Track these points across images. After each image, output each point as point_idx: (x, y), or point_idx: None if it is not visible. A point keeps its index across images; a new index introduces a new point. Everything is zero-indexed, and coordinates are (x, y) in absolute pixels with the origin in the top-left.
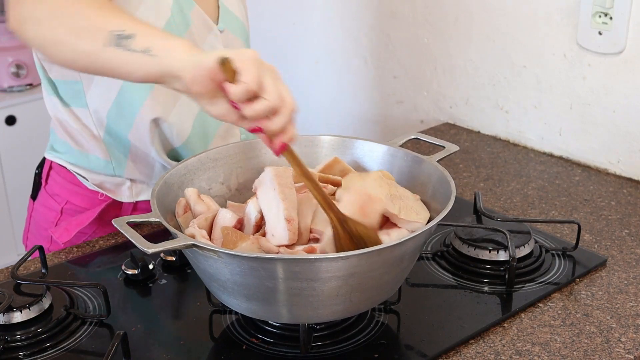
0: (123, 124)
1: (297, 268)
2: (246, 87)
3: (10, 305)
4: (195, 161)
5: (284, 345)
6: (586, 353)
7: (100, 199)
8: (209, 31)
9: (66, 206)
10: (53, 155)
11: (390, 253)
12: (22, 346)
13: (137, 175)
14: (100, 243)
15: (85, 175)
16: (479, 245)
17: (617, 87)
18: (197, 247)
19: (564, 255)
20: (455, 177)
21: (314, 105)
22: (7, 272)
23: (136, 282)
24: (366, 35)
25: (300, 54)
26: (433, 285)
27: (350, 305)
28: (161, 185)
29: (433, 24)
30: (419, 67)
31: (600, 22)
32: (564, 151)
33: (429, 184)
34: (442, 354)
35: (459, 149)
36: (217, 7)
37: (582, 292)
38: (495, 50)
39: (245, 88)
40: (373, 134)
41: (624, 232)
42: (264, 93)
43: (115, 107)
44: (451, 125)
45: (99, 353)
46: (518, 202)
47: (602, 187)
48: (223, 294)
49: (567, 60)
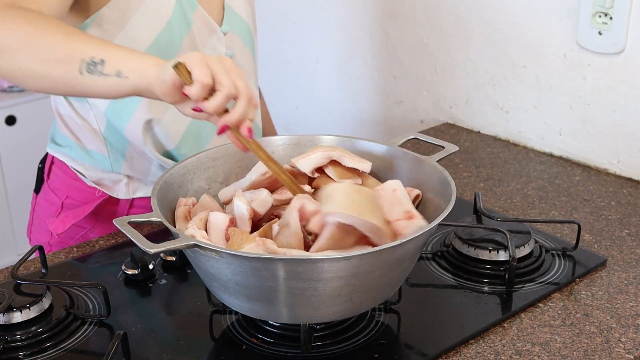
0: (121, 121)
1: (299, 268)
2: (200, 83)
3: (10, 305)
4: (195, 161)
5: (284, 345)
6: (586, 353)
7: (98, 195)
8: (212, 33)
9: (66, 200)
10: (54, 150)
11: (392, 253)
12: (22, 346)
13: (134, 172)
14: (100, 243)
15: (84, 172)
16: (479, 245)
17: (617, 87)
18: (198, 247)
19: (564, 255)
20: (455, 177)
21: (314, 105)
22: (7, 272)
23: (136, 282)
24: (366, 35)
25: (300, 53)
26: (433, 285)
27: (351, 305)
28: (161, 184)
29: (433, 24)
30: (419, 67)
31: (600, 22)
32: (564, 151)
33: (429, 184)
34: (442, 354)
35: (459, 149)
36: (222, 8)
37: (582, 292)
38: (495, 50)
39: (199, 85)
40: (373, 134)
41: (624, 232)
42: (218, 85)
43: (112, 104)
44: (451, 125)
45: (99, 353)
46: (518, 202)
47: (602, 187)
48: (224, 294)
49: (567, 60)
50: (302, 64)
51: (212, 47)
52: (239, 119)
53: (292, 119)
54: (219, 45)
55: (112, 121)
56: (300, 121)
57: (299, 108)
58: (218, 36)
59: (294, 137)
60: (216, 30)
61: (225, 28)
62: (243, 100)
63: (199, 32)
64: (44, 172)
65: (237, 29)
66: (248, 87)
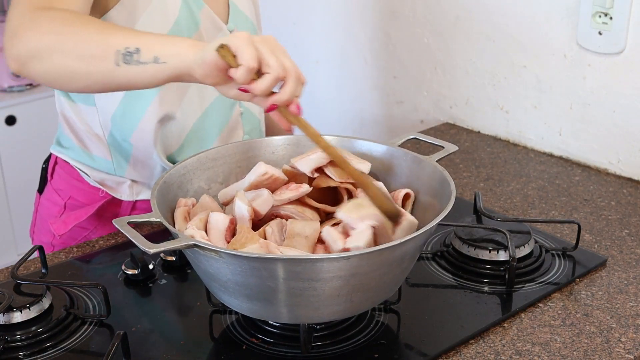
0: (127, 126)
1: (298, 268)
2: (246, 67)
3: (10, 305)
4: (195, 161)
5: (284, 345)
6: (586, 353)
7: (101, 196)
8: (218, 31)
9: (69, 201)
10: (58, 150)
11: (391, 253)
12: (22, 346)
13: (138, 176)
14: (100, 243)
15: (87, 171)
16: (479, 245)
17: (617, 87)
18: (198, 247)
19: (564, 255)
20: (455, 177)
21: (314, 105)
22: (7, 272)
23: (136, 282)
24: (366, 35)
25: (300, 54)
26: (433, 285)
27: (351, 305)
28: (161, 185)
29: (433, 24)
30: (419, 67)
31: (600, 22)
32: (564, 151)
33: (429, 184)
34: (442, 354)
35: (458, 149)
36: (227, 6)
37: (582, 292)
38: (495, 50)
39: (245, 69)
40: (373, 134)
41: (624, 232)
42: (266, 67)
43: (121, 108)
44: (451, 125)
45: (99, 353)
46: (518, 202)
47: (602, 187)
48: (224, 294)
49: (567, 60)
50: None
51: None
52: (289, 98)
53: None
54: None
55: (117, 127)
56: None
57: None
58: (224, 34)
59: (293, 137)
60: (222, 29)
61: (231, 26)
62: (292, 79)
63: (206, 30)
64: (48, 172)
65: (243, 26)
66: (295, 65)
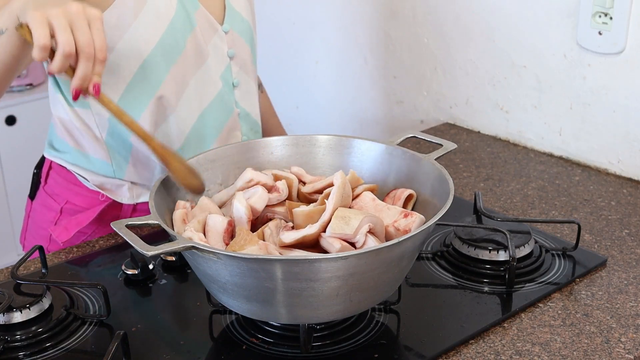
0: None
1: (296, 269)
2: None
3: (10, 305)
4: (194, 162)
5: (284, 345)
6: (586, 353)
7: (101, 200)
8: (214, 32)
9: (66, 206)
10: (53, 155)
11: (390, 252)
12: (22, 346)
13: (138, 178)
14: (100, 243)
15: (86, 175)
16: (479, 245)
17: (617, 87)
18: (196, 249)
19: (564, 255)
20: (455, 177)
21: (314, 105)
22: (7, 272)
23: (136, 282)
24: (366, 35)
25: (300, 53)
26: (433, 285)
27: (350, 305)
28: (159, 187)
29: (433, 24)
30: (419, 67)
31: (600, 22)
32: (564, 151)
33: (427, 182)
34: (442, 354)
35: (457, 146)
36: (223, 7)
37: (582, 292)
38: (495, 50)
39: (36, 48)
40: (373, 134)
41: (624, 232)
42: (55, 44)
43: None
44: (451, 125)
45: (99, 353)
46: (518, 202)
47: (602, 187)
48: (223, 295)
49: (567, 60)
50: (302, 64)
51: (215, 46)
52: (81, 83)
53: (292, 119)
54: (221, 44)
55: (116, 127)
56: (300, 121)
57: (299, 108)
58: (220, 35)
59: (292, 138)
60: (218, 29)
61: (226, 27)
62: (82, 59)
63: (202, 31)
64: (41, 177)
65: (238, 27)
66: (89, 41)
